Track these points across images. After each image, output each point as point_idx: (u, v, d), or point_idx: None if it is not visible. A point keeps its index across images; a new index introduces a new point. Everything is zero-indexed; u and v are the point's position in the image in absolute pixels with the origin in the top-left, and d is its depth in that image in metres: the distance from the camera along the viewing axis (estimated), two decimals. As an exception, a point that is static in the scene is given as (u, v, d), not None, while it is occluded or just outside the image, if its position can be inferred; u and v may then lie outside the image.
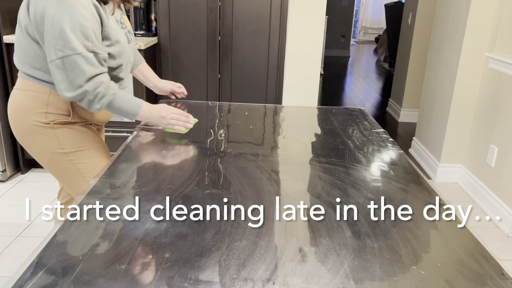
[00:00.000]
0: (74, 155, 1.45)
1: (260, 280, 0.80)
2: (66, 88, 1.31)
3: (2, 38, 2.74)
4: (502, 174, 2.67)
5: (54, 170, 1.50)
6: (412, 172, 1.32)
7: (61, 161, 1.45)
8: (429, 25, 4.19)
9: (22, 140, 1.48)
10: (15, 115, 1.45)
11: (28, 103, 1.41)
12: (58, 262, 0.83)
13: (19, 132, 1.47)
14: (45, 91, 1.40)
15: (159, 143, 1.49)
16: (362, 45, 11.26)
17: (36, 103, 1.40)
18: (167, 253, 0.87)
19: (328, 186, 1.19)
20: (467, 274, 0.86)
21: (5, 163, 2.92)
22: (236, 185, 1.17)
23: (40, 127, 1.41)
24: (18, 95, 1.43)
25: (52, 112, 1.41)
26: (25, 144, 1.48)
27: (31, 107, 1.41)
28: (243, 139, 1.57)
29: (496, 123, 2.77)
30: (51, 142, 1.43)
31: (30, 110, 1.41)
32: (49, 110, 1.41)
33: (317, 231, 0.97)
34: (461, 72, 2.99)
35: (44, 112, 1.41)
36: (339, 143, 1.53)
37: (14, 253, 2.19)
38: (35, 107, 1.40)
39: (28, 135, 1.44)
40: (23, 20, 1.34)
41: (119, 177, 1.21)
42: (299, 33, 3.03)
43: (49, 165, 1.48)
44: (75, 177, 1.47)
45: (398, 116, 4.73)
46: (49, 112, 1.41)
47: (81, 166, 1.46)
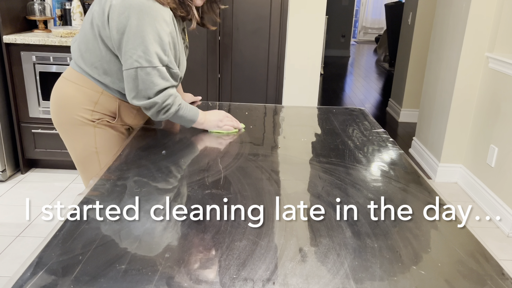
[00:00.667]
0: (103, 157, 1.49)
1: (260, 280, 0.80)
2: (135, 96, 1.36)
3: (2, 38, 2.74)
4: (502, 174, 2.67)
5: (80, 165, 1.54)
6: (412, 172, 1.32)
7: (90, 158, 1.49)
8: (429, 25, 4.18)
9: (60, 128, 1.51)
10: (61, 105, 1.46)
11: (78, 97, 1.43)
12: (58, 262, 0.83)
13: (60, 121, 1.49)
14: (98, 90, 1.44)
15: (159, 143, 1.49)
16: (362, 45, 11.26)
17: (86, 100, 1.43)
18: (167, 253, 0.87)
19: (328, 186, 1.19)
20: (467, 274, 0.86)
21: (5, 163, 2.92)
22: (236, 185, 1.17)
23: (83, 122, 1.45)
24: (69, 87, 1.45)
25: (99, 111, 1.45)
26: (62, 133, 1.51)
27: (80, 102, 1.43)
28: (243, 139, 1.57)
29: (496, 123, 2.77)
30: (89, 139, 1.47)
31: (78, 104, 1.44)
32: (96, 109, 1.45)
33: (317, 231, 0.97)
34: (461, 72, 2.99)
35: (91, 109, 1.44)
36: (339, 143, 1.53)
37: (14, 253, 2.19)
38: (84, 103, 1.43)
39: (68, 126, 1.47)
40: (98, 22, 1.34)
41: (119, 177, 1.21)
42: (299, 33, 3.03)
43: (78, 158, 1.52)
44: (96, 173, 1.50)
45: (398, 116, 4.73)
46: (96, 111, 1.45)
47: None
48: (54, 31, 2.88)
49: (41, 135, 2.95)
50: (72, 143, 1.51)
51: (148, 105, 1.37)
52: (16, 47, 2.78)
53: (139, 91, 1.35)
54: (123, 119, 1.51)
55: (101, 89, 1.44)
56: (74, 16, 3.13)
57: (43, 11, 3.03)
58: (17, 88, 2.88)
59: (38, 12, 3.02)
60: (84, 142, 1.47)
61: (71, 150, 1.53)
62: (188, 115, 1.49)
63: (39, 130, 2.94)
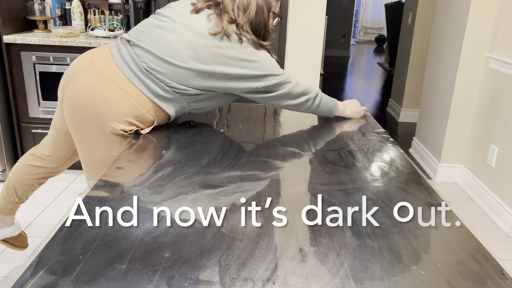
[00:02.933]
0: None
1: (260, 280, 0.80)
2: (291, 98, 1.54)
3: (2, 38, 2.74)
4: (502, 174, 2.67)
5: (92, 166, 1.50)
6: (412, 172, 1.32)
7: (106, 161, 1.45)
8: (429, 25, 4.18)
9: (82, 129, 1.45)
10: (101, 110, 1.40)
11: (125, 108, 1.40)
12: (58, 262, 0.83)
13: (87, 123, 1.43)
14: (146, 106, 1.42)
15: (159, 143, 1.49)
16: (362, 45, 11.26)
17: (130, 111, 1.40)
18: (167, 253, 0.87)
19: (328, 186, 1.19)
20: (467, 274, 0.86)
21: (5, 163, 2.92)
22: (236, 185, 1.17)
23: (115, 130, 1.41)
24: (119, 94, 1.39)
25: (135, 124, 1.44)
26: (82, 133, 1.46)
27: (124, 113, 1.40)
28: (243, 139, 1.57)
29: (496, 123, 2.77)
30: (113, 145, 1.43)
31: (121, 115, 1.40)
32: (135, 122, 1.43)
33: (317, 231, 0.97)
34: (461, 72, 2.99)
35: (130, 122, 1.42)
36: (339, 143, 1.53)
37: (14, 253, 2.19)
38: (126, 114, 1.40)
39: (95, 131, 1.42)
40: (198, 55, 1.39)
41: (119, 176, 1.21)
42: (299, 33, 3.03)
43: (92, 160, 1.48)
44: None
45: (398, 116, 4.73)
46: (132, 123, 1.43)
47: None
48: (54, 31, 2.88)
49: (41, 135, 2.95)
50: (91, 147, 1.46)
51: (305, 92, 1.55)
52: (16, 47, 2.78)
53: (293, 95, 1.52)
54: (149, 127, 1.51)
55: (151, 105, 1.42)
56: (74, 16, 3.13)
57: (43, 11, 3.03)
58: (17, 88, 2.87)
59: (38, 12, 3.02)
60: (108, 148, 1.44)
61: (87, 152, 1.48)
62: (330, 102, 1.67)
63: (39, 130, 2.94)
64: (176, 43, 1.39)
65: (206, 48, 1.38)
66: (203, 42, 1.38)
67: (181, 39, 1.39)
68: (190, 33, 1.39)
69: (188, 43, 1.39)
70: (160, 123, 1.55)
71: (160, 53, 1.40)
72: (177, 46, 1.39)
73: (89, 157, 1.50)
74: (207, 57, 1.38)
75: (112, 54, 1.44)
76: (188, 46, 1.39)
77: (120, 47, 1.46)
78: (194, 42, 1.38)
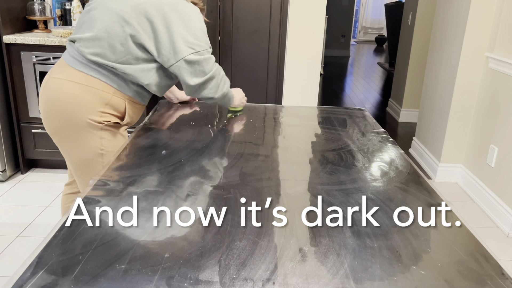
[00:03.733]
0: (106, 157, 1.47)
1: (260, 280, 0.80)
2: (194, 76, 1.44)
3: (2, 38, 2.74)
4: (502, 174, 2.67)
5: (82, 168, 1.51)
6: (412, 172, 1.32)
7: (94, 161, 1.47)
8: (429, 25, 4.18)
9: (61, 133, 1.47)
10: (66, 109, 1.42)
11: (89, 99, 1.42)
12: (58, 262, 0.83)
13: (61, 126, 1.45)
14: (109, 91, 1.43)
15: (159, 143, 1.49)
16: (362, 45, 11.26)
17: (97, 101, 1.42)
18: (167, 253, 0.87)
19: (328, 186, 1.19)
20: (467, 274, 0.86)
21: (5, 163, 2.92)
22: (236, 185, 1.17)
23: (92, 125, 1.43)
24: (77, 89, 1.41)
25: (109, 112, 1.45)
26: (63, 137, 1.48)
27: (91, 104, 1.42)
28: (243, 139, 1.57)
29: (496, 123, 2.77)
30: (95, 142, 1.45)
31: (89, 107, 1.42)
32: (106, 110, 1.44)
33: (317, 231, 0.97)
34: (461, 72, 2.99)
35: (101, 111, 1.43)
36: (339, 143, 1.53)
37: (14, 253, 2.19)
38: (95, 105, 1.42)
39: (73, 130, 1.44)
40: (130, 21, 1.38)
41: (119, 176, 1.21)
42: (299, 33, 3.03)
43: (80, 162, 1.50)
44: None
45: (398, 116, 4.73)
46: (105, 112, 1.44)
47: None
48: (54, 31, 2.88)
49: (41, 135, 2.95)
50: (75, 148, 1.48)
51: (209, 77, 1.47)
52: (16, 47, 2.78)
53: (198, 71, 1.44)
54: (129, 118, 1.52)
55: (113, 90, 1.43)
56: (74, 16, 3.13)
57: (43, 11, 3.04)
58: (17, 88, 2.87)
59: (38, 12, 3.03)
60: (90, 145, 1.45)
61: (73, 154, 1.49)
62: (231, 92, 1.66)
63: (39, 130, 2.94)
64: (102, 16, 1.41)
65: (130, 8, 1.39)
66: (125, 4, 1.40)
67: (105, 9, 1.41)
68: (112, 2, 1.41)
69: (112, 11, 1.40)
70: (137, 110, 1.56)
71: (92, 32, 1.42)
72: (103, 18, 1.41)
73: (76, 160, 1.51)
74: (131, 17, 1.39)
75: (64, 59, 1.48)
76: (113, 13, 1.40)
77: (68, 49, 1.49)
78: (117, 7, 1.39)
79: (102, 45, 1.40)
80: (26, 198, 2.74)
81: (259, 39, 3.07)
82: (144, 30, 1.39)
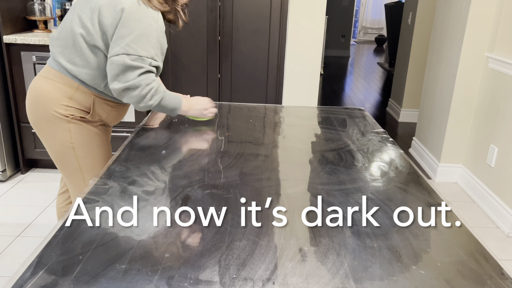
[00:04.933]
0: (79, 151, 1.51)
1: (260, 280, 0.80)
2: (117, 80, 1.38)
3: (2, 38, 2.74)
4: (502, 174, 2.67)
5: (58, 161, 1.56)
6: (412, 172, 1.32)
7: (67, 154, 1.51)
8: (429, 25, 4.18)
9: (37, 125, 1.53)
10: (37, 101, 1.49)
11: (54, 93, 1.47)
12: (58, 262, 0.83)
13: (36, 117, 1.51)
14: (73, 86, 1.47)
15: (159, 143, 1.49)
16: (362, 45, 11.26)
17: (61, 95, 1.46)
18: (167, 253, 0.87)
19: (328, 186, 1.19)
20: (467, 274, 0.86)
21: (5, 163, 2.92)
22: (236, 185, 1.17)
23: (58, 118, 1.47)
24: (45, 83, 1.48)
25: (73, 106, 1.48)
26: (38, 130, 1.54)
27: (55, 98, 1.46)
28: (243, 139, 1.57)
29: (496, 123, 2.77)
30: (63, 135, 1.49)
31: (53, 100, 1.46)
32: (71, 104, 1.48)
33: (317, 231, 0.97)
34: (461, 72, 3.00)
35: (66, 105, 1.47)
36: (339, 143, 1.53)
37: (14, 253, 2.19)
38: (59, 98, 1.46)
39: (44, 122, 1.49)
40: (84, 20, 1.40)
41: (119, 177, 1.21)
42: (299, 33, 3.03)
43: (55, 155, 1.54)
44: (75, 172, 1.54)
45: (398, 116, 4.73)
46: (70, 106, 1.48)
47: (83, 163, 1.52)
48: (54, 31, 2.88)
49: (41, 135, 2.95)
50: (48, 140, 1.53)
51: (131, 86, 1.38)
52: (16, 47, 2.78)
53: (121, 76, 1.38)
54: (97, 114, 1.53)
55: (77, 85, 1.46)
56: (74, 16, 3.13)
57: (43, 11, 3.04)
58: (17, 88, 2.88)
59: (38, 12, 3.03)
60: (60, 138, 1.49)
61: (48, 147, 1.55)
62: (172, 104, 1.51)
63: (39, 130, 2.94)
64: (69, 16, 1.47)
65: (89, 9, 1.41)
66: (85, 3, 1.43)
67: (73, 9, 1.47)
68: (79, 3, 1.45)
69: (75, 11, 1.45)
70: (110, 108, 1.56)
71: (58, 32, 1.49)
72: (68, 18, 1.47)
73: (52, 153, 1.55)
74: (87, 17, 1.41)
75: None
76: (75, 13, 1.44)
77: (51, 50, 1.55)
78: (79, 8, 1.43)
79: (62, 44, 1.46)
80: (26, 198, 2.74)
81: (259, 39, 3.07)
82: (95, 31, 1.40)
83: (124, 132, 2.91)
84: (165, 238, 0.92)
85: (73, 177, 1.55)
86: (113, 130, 2.92)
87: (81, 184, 1.55)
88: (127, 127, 2.92)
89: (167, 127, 1.67)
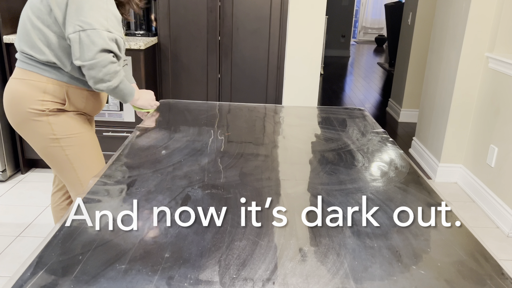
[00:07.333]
0: (64, 141, 1.52)
1: (260, 280, 0.80)
2: (78, 57, 1.40)
3: (2, 38, 2.74)
4: (502, 174, 2.67)
5: (46, 156, 1.57)
6: (412, 172, 1.32)
7: (52, 147, 1.53)
8: (429, 25, 4.18)
9: (18, 127, 1.54)
10: (12, 103, 1.51)
11: (26, 91, 1.48)
12: (58, 262, 0.83)
13: (15, 120, 1.53)
14: (42, 80, 1.48)
15: (159, 143, 1.49)
16: (362, 45, 11.26)
17: (34, 91, 1.48)
18: (167, 253, 0.87)
19: (328, 186, 1.19)
20: (467, 274, 0.86)
21: (5, 163, 2.92)
22: (236, 185, 1.17)
23: (36, 114, 1.48)
24: (16, 84, 1.50)
25: (48, 100, 1.49)
26: (21, 131, 1.55)
27: (28, 95, 1.48)
28: (243, 139, 1.57)
29: (496, 123, 2.77)
30: (45, 129, 1.50)
31: (27, 98, 1.48)
32: (46, 98, 1.49)
33: (317, 231, 0.97)
34: (461, 72, 3.00)
35: (41, 100, 1.48)
36: (339, 143, 1.53)
37: (14, 253, 2.19)
38: (32, 95, 1.48)
39: (24, 122, 1.51)
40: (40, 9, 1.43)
41: (119, 177, 1.21)
42: (299, 33, 3.03)
43: (42, 151, 1.56)
44: (64, 164, 1.55)
45: (398, 116, 4.73)
46: (45, 100, 1.49)
47: (69, 152, 1.53)
48: (54, 31, 2.88)
49: (41, 135, 2.95)
50: (32, 138, 1.54)
51: (90, 65, 1.40)
52: (16, 47, 2.78)
53: (81, 54, 1.39)
54: (74, 104, 1.54)
55: (46, 78, 1.48)
56: (74, 16, 3.13)
57: (43, 11, 3.03)
58: (17, 88, 2.87)
59: (38, 12, 3.02)
60: (42, 132, 1.50)
61: (34, 145, 1.55)
62: (128, 89, 1.56)
63: (39, 130, 2.94)
64: (23, 12, 1.50)
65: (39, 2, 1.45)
66: None
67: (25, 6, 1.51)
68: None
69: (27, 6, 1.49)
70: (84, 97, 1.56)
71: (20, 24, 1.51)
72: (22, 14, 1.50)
73: (39, 151, 1.56)
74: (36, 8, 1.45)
75: None
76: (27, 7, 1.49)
77: None
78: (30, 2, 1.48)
79: (22, 33, 1.49)
80: (26, 198, 2.74)
81: (259, 39, 3.07)
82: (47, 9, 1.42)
83: (124, 132, 2.92)
84: (165, 238, 0.92)
85: (64, 170, 1.56)
86: (113, 130, 2.94)
87: (73, 175, 1.56)
88: (127, 127, 2.92)
89: (167, 127, 1.67)
